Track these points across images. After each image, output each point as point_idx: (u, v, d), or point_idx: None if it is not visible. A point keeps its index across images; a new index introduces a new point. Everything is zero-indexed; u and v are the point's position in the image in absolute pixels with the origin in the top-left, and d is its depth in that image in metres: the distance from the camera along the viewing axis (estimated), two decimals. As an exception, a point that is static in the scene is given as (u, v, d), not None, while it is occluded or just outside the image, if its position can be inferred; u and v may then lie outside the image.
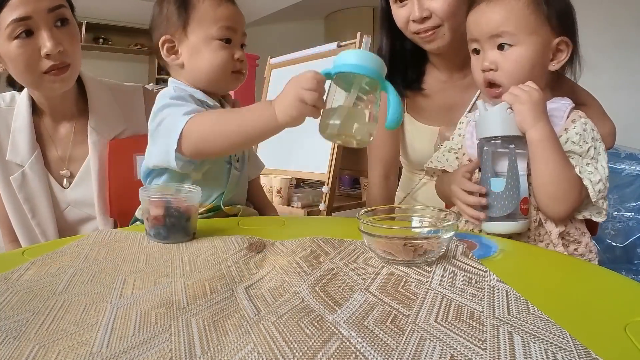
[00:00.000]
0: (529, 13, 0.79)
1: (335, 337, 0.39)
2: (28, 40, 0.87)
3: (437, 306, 0.45)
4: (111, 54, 5.25)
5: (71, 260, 0.61)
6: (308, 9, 4.97)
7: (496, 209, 0.78)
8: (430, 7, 0.99)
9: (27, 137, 1.00)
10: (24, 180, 1.00)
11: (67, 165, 1.04)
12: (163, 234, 0.70)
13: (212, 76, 0.90)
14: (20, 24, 0.86)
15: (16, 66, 0.89)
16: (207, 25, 0.89)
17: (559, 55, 0.82)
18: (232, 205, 0.93)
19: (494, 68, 0.81)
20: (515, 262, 0.63)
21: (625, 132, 1.36)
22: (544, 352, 0.36)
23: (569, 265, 0.64)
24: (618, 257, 1.92)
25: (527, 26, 0.79)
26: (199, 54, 0.90)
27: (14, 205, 1.02)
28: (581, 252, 0.82)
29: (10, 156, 1.00)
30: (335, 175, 1.87)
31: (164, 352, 0.36)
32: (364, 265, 0.58)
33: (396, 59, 1.13)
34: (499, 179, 0.78)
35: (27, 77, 0.91)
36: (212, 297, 0.48)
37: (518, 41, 0.79)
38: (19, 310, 0.45)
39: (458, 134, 0.98)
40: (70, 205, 1.04)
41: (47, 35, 0.88)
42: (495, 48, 0.81)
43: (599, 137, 0.80)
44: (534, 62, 0.80)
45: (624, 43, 2.67)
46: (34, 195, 1.00)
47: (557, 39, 0.80)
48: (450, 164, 0.95)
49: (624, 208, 1.94)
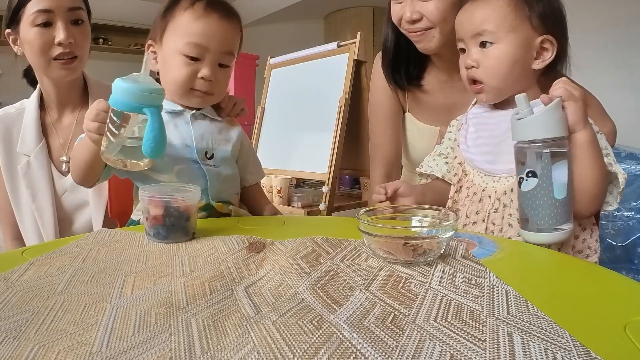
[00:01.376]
0: (510, 11, 0.80)
1: (335, 336, 0.39)
2: (46, 29, 1.02)
3: (437, 306, 0.45)
4: (111, 54, 5.25)
5: (71, 260, 0.61)
6: (308, 9, 4.96)
7: (561, 217, 0.71)
8: (422, 10, 1.00)
9: (34, 130, 1.12)
10: (28, 168, 1.11)
11: (67, 152, 1.14)
12: (162, 234, 0.69)
13: (172, 89, 0.90)
14: (43, 14, 1.01)
15: (32, 49, 1.04)
16: (178, 37, 0.87)
17: (544, 54, 0.82)
18: (224, 202, 0.93)
19: (475, 65, 0.83)
20: (515, 261, 0.63)
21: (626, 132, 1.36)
22: (543, 352, 0.36)
23: (569, 264, 0.64)
24: (618, 257, 1.93)
25: (507, 24, 0.80)
26: (167, 65, 0.90)
27: (18, 192, 1.12)
28: (579, 248, 0.82)
29: (20, 148, 1.12)
30: (335, 175, 1.87)
31: (163, 352, 0.36)
32: (363, 265, 0.58)
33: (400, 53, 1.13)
34: (562, 185, 0.71)
35: (39, 60, 1.05)
36: (211, 297, 0.48)
37: (498, 39, 0.80)
38: (19, 310, 0.45)
39: (448, 138, 0.98)
40: (67, 191, 1.13)
41: (63, 27, 1.02)
42: (478, 46, 0.83)
43: (597, 129, 0.80)
44: (514, 59, 0.81)
45: (624, 43, 2.67)
46: (36, 180, 1.11)
47: (541, 38, 0.81)
48: (440, 168, 0.95)
49: (624, 208, 1.94)
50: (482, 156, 0.86)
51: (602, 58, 2.60)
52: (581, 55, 0.87)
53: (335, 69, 1.99)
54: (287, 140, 2.13)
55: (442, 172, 0.94)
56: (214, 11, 0.88)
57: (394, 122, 1.23)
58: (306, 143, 1.98)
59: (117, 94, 0.71)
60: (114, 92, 0.71)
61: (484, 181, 0.85)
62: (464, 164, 0.89)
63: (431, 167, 0.96)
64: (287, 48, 2.49)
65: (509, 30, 0.80)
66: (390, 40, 1.13)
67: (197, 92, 0.90)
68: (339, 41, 2.05)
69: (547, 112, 0.71)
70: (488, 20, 0.81)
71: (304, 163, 1.98)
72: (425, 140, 1.17)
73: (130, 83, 0.71)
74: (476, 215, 0.84)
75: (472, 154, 0.88)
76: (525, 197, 0.73)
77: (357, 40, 1.93)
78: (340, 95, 1.89)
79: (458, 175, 0.90)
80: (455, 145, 0.93)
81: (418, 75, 1.16)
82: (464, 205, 0.87)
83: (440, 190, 0.95)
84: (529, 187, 0.71)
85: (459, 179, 0.90)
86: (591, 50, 2.53)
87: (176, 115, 0.92)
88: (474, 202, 0.85)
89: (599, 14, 2.67)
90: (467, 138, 0.90)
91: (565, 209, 0.71)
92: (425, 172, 0.97)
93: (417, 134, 1.19)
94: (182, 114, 0.93)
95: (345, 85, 1.90)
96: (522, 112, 0.73)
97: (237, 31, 0.93)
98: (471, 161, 0.88)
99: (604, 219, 1.95)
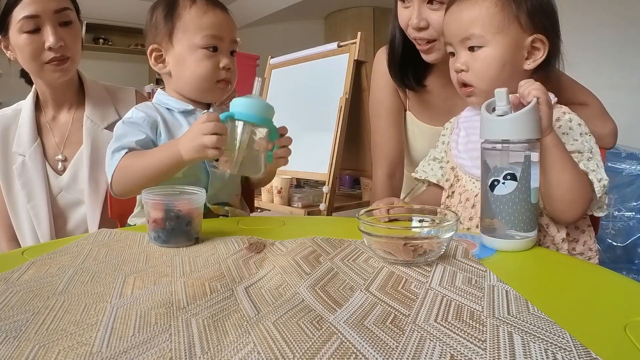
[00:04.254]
0: (496, 12, 0.78)
1: (335, 337, 0.39)
2: (34, 35, 1.01)
3: (437, 306, 0.45)
4: (111, 54, 5.24)
5: (71, 260, 0.61)
6: (308, 9, 4.96)
7: (533, 223, 0.67)
8: (429, 18, 0.99)
9: (29, 130, 1.12)
10: (23, 168, 1.11)
11: (63, 150, 1.14)
12: (163, 238, 0.68)
13: (196, 86, 0.92)
14: (29, 20, 0.99)
15: (23, 55, 1.03)
16: (191, 34, 0.89)
17: (535, 54, 0.80)
18: (219, 204, 0.93)
19: (464, 69, 0.81)
20: (515, 262, 0.63)
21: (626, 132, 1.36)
22: (543, 352, 0.36)
23: (569, 265, 0.64)
24: (618, 257, 1.92)
25: (494, 25, 0.78)
26: (183, 64, 0.91)
27: (14, 192, 1.12)
28: (580, 250, 0.82)
29: (15, 148, 1.12)
30: (335, 175, 1.87)
31: (164, 352, 0.36)
32: (364, 265, 0.58)
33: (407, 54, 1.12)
34: (535, 189, 0.67)
35: (31, 65, 1.05)
36: (212, 297, 0.48)
37: (486, 42, 0.79)
38: (19, 310, 0.45)
39: (442, 142, 0.97)
40: (63, 190, 1.13)
41: (52, 31, 1.01)
42: (467, 49, 0.81)
43: (587, 131, 0.78)
44: (504, 61, 0.79)
45: (624, 43, 2.67)
46: (31, 180, 1.11)
47: (531, 37, 0.79)
48: (434, 173, 0.94)
49: (624, 208, 1.94)
50: (473, 161, 0.84)
51: (602, 58, 2.60)
52: (581, 56, 0.86)
53: (336, 69, 1.99)
54: (287, 140, 2.13)
55: (437, 177, 0.94)
56: (214, 4, 0.92)
57: (396, 120, 1.22)
58: (306, 143, 1.98)
59: (249, 109, 0.77)
60: (244, 108, 0.77)
61: (476, 187, 0.83)
62: (456, 168, 0.89)
63: (426, 172, 0.96)
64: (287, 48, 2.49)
65: (496, 32, 0.78)
66: (398, 41, 1.13)
67: (221, 83, 0.93)
68: (339, 41, 2.05)
69: (530, 112, 0.66)
70: (475, 23, 0.79)
71: (305, 163, 1.97)
72: (426, 140, 1.16)
73: (260, 100, 0.79)
74: (469, 221, 0.83)
75: (462, 159, 0.87)
76: (498, 202, 0.66)
77: (357, 40, 1.92)
78: (341, 96, 1.89)
79: (450, 180, 0.89)
80: (448, 149, 0.93)
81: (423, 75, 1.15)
82: (456, 211, 0.86)
83: (432, 201, 0.93)
84: (505, 190, 0.65)
85: (451, 184, 0.89)
86: (591, 51, 2.53)
87: (189, 114, 0.94)
88: (466, 207, 0.84)
89: (598, 14, 2.67)
90: (459, 143, 0.89)
91: (536, 214, 0.68)
92: (420, 178, 0.97)
93: (418, 133, 1.19)
94: (194, 113, 0.94)
95: (346, 86, 1.90)
96: (501, 108, 0.67)
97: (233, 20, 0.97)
98: (462, 167, 0.87)
99: (604, 219, 1.95)
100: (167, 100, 0.94)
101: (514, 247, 0.66)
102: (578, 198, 0.73)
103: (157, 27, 0.91)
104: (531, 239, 0.67)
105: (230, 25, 0.93)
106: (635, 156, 1.94)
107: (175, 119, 0.93)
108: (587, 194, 0.73)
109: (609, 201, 1.93)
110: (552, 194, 0.73)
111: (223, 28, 0.91)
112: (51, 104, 1.15)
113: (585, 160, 0.75)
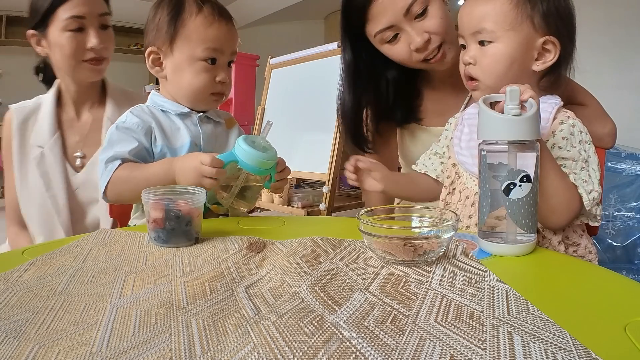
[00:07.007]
0: (510, 9, 0.78)
1: (335, 337, 0.39)
2: (78, 34, 1.07)
3: (437, 306, 0.45)
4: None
5: (71, 260, 0.61)
6: (308, 9, 4.96)
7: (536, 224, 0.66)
8: (425, 28, 0.98)
9: (49, 123, 1.14)
10: (42, 159, 1.13)
11: (82, 147, 1.17)
12: (162, 238, 0.68)
13: (190, 96, 0.93)
14: (76, 20, 1.06)
15: (63, 52, 1.08)
16: (193, 45, 0.89)
17: (545, 56, 0.80)
18: (219, 204, 0.93)
19: (472, 62, 0.82)
20: (515, 262, 0.63)
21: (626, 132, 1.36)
22: (543, 352, 0.36)
23: (569, 265, 0.64)
24: (618, 257, 1.92)
25: (507, 22, 0.78)
26: (181, 72, 0.91)
27: (28, 181, 1.14)
28: (580, 253, 0.82)
29: (33, 140, 1.14)
30: (335, 175, 1.87)
31: (164, 352, 0.36)
32: (363, 265, 0.58)
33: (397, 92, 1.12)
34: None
35: (69, 62, 1.09)
36: (212, 297, 0.48)
37: (496, 37, 0.78)
38: (19, 310, 0.45)
39: (444, 136, 0.97)
40: (79, 188, 1.15)
41: (94, 33, 1.08)
42: (477, 43, 0.81)
43: (588, 139, 0.77)
44: (512, 58, 0.78)
45: (624, 43, 2.67)
46: (50, 171, 1.13)
47: (542, 39, 0.78)
48: (434, 168, 0.94)
49: (624, 208, 1.94)
50: (474, 159, 0.84)
51: (602, 58, 2.60)
52: (581, 55, 0.86)
53: (336, 69, 1.97)
54: (287, 140, 2.13)
55: (437, 172, 0.94)
56: (220, 15, 0.91)
57: None
58: (306, 143, 1.98)
59: (253, 162, 0.81)
60: (249, 159, 0.80)
61: (475, 185, 0.82)
62: (457, 165, 0.89)
63: (426, 166, 0.96)
64: (287, 48, 2.49)
65: (508, 28, 0.78)
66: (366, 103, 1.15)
67: (215, 95, 0.94)
68: (339, 41, 2.05)
69: (538, 110, 0.64)
70: (487, 17, 0.79)
71: (305, 163, 1.98)
72: (419, 140, 1.16)
73: (261, 152, 0.81)
74: (469, 219, 0.83)
75: (464, 157, 0.87)
76: (514, 206, 0.63)
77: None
78: (341, 96, 1.89)
79: (451, 177, 0.89)
80: (450, 144, 0.93)
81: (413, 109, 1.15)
82: (456, 209, 0.86)
83: (423, 186, 0.94)
84: (522, 193, 0.62)
85: (452, 181, 0.89)
86: (591, 51, 2.53)
87: (185, 117, 0.94)
88: (466, 205, 0.84)
89: (599, 14, 2.67)
90: (461, 140, 0.89)
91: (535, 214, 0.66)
92: (420, 171, 0.97)
93: (412, 134, 1.19)
94: (190, 116, 0.95)
95: (346, 86, 1.90)
96: (514, 107, 0.64)
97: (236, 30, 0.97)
98: (463, 164, 0.87)
99: (604, 219, 1.95)
100: (163, 102, 0.94)
101: (520, 251, 0.64)
102: (564, 207, 0.73)
103: (159, 29, 0.90)
104: (534, 242, 0.66)
105: (232, 37, 0.93)
106: (635, 156, 1.94)
107: (172, 121, 0.93)
108: (572, 204, 0.73)
109: (609, 201, 1.93)
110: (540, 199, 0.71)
111: (225, 41, 0.91)
112: (73, 102, 1.17)
113: (578, 169, 0.74)
